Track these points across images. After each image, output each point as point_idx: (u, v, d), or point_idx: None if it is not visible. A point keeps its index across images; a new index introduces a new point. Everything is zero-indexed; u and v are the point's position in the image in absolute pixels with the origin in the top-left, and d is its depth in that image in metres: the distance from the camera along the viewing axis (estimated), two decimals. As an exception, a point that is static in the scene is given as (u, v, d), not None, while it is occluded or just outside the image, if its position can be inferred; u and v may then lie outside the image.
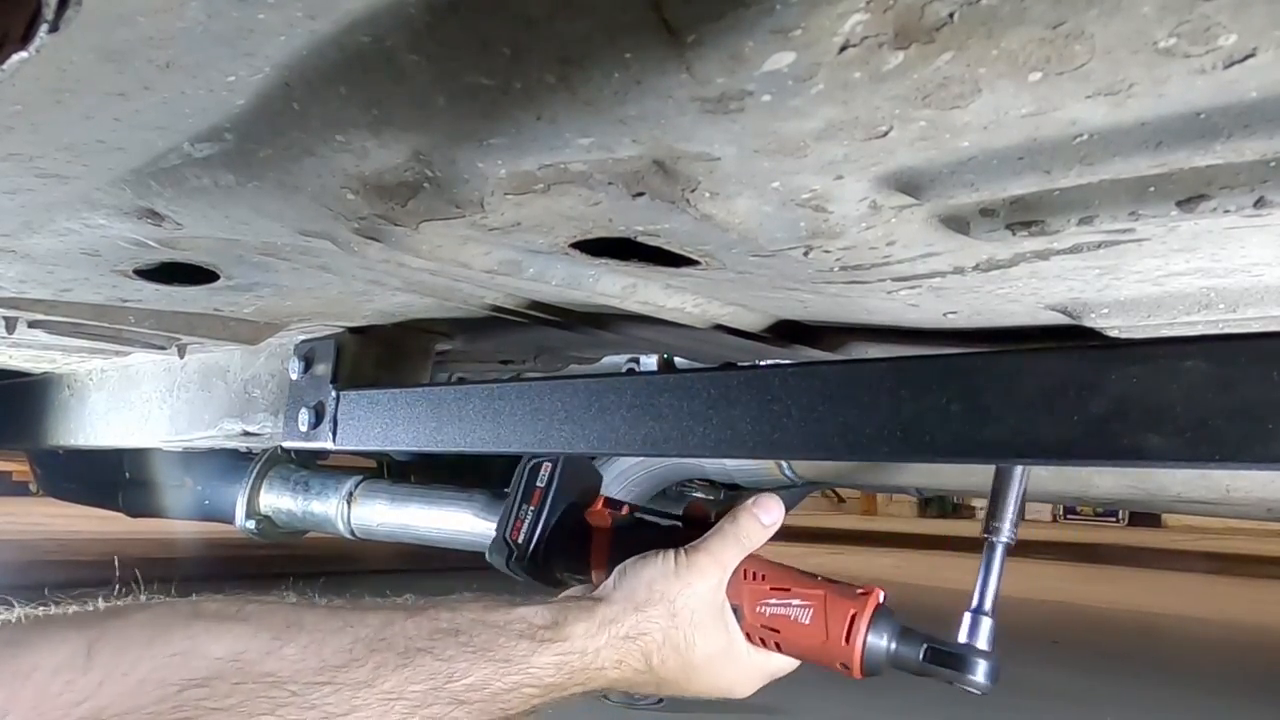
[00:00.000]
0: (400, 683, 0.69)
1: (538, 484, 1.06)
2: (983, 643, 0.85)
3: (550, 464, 1.06)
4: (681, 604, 0.85)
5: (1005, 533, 0.87)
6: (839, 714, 2.09)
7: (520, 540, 1.04)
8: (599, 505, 1.04)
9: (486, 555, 1.09)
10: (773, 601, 0.88)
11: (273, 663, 0.65)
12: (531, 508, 1.05)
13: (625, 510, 1.03)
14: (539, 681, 0.76)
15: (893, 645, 0.85)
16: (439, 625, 0.74)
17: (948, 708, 2.19)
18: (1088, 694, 2.50)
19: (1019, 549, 0.87)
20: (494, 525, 1.69)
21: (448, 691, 0.71)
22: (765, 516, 0.91)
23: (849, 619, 0.85)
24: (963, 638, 0.85)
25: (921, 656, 0.84)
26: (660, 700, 2.43)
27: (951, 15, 0.47)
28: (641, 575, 0.86)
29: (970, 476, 1.86)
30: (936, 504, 12.19)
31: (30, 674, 0.57)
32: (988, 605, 0.86)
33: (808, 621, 0.86)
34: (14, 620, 0.61)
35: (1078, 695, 2.47)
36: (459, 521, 1.71)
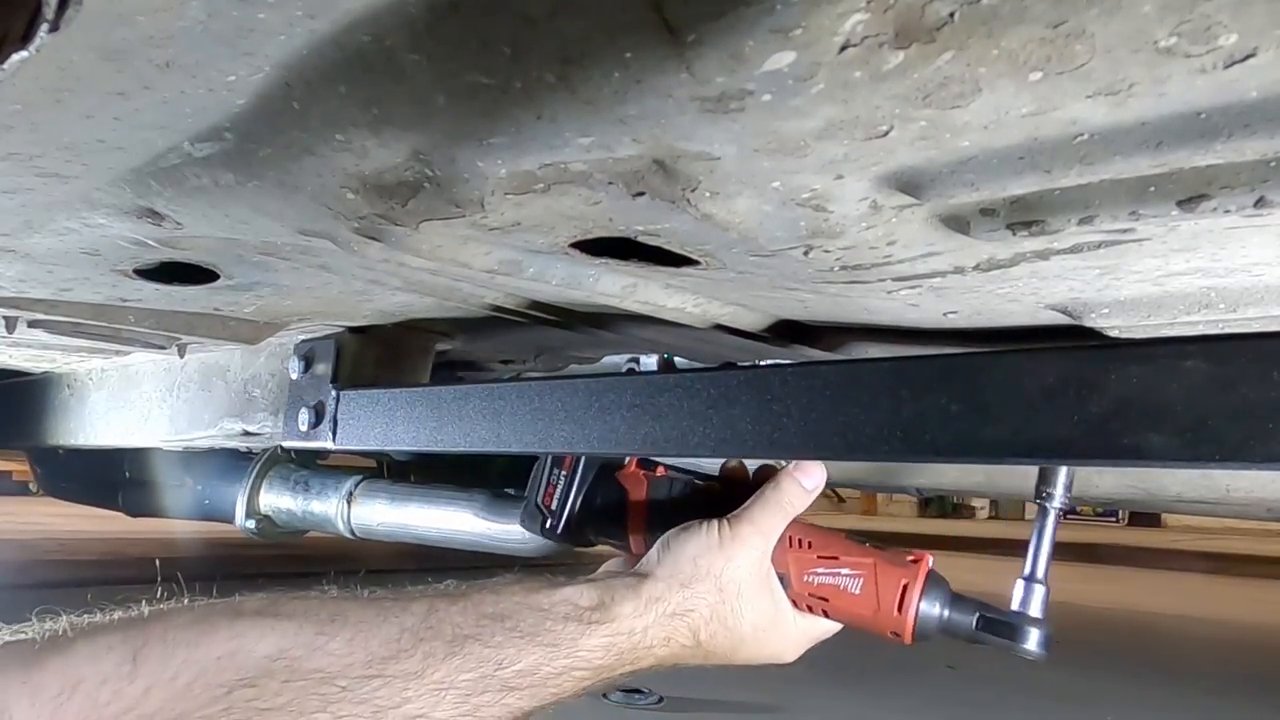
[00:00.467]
0: (450, 672, 0.69)
1: None
2: (1035, 610, 0.83)
3: None
4: (728, 578, 0.84)
5: (1058, 498, 0.85)
6: (839, 714, 2.09)
7: (554, 506, 1.02)
8: (632, 466, 1.01)
9: (519, 522, 1.07)
10: (820, 570, 0.86)
11: (320, 659, 0.65)
12: (563, 472, 1.03)
13: (660, 470, 1.01)
14: (589, 664, 0.76)
15: (945, 613, 0.83)
16: (484, 611, 0.74)
17: (948, 707, 2.19)
18: (1088, 694, 2.50)
19: (1019, 549, 0.87)
20: (494, 525, 1.69)
21: (498, 679, 0.71)
22: (808, 481, 0.90)
23: (901, 588, 0.83)
24: (1015, 605, 0.84)
25: (975, 625, 0.83)
26: (660, 699, 2.43)
27: (952, 15, 0.47)
28: (686, 549, 0.85)
29: (970, 476, 1.86)
30: (936, 504, 12.19)
31: (78, 685, 0.57)
32: (1040, 573, 0.84)
33: (858, 591, 0.84)
34: (59, 631, 0.60)
35: (1078, 695, 2.47)
36: (459, 521, 1.71)
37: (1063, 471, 0.85)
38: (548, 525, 1.03)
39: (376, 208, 0.83)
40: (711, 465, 1.02)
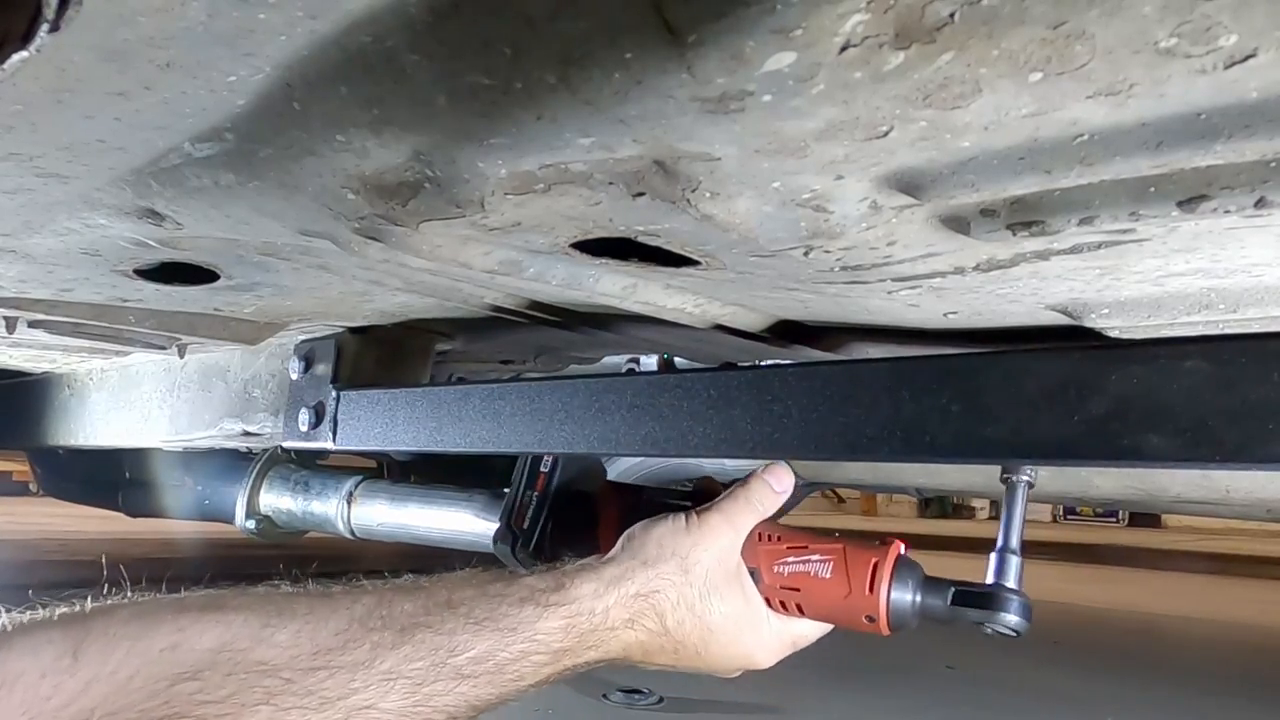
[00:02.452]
0: (399, 661, 0.67)
1: (541, 469, 1.04)
2: (1011, 581, 0.81)
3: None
4: (694, 560, 0.82)
5: (1025, 471, 0.84)
6: (839, 714, 2.09)
7: (525, 526, 1.02)
8: (606, 489, 1.01)
9: (492, 546, 1.07)
10: (791, 560, 0.85)
11: (264, 650, 0.63)
12: (535, 493, 1.03)
13: (633, 493, 1.01)
14: (547, 648, 0.74)
15: (918, 597, 0.82)
16: (436, 599, 0.72)
17: (948, 708, 2.19)
18: (1088, 695, 2.50)
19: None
20: (494, 525, 1.69)
21: (450, 666, 0.69)
22: (777, 483, 0.90)
23: (871, 567, 0.82)
24: (990, 579, 0.82)
25: (949, 601, 0.81)
26: (660, 699, 2.43)
27: (952, 15, 0.47)
28: (650, 534, 0.84)
29: (971, 476, 1.86)
30: (936, 504, 12.19)
31: (17, 680, 0.56)
32: (1014, 543, 0.82)
33: (828, 575, 0.83)
34: (0, 626, 0.60)
35: (1078, 696, 2.47)
36: (459, 521, 1.71)
37: None
38: (519, 545, 1.02)
39: (377, 208, 0.83)
40: (717, 467, 1.01)
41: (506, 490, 1.11)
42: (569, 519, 1.01)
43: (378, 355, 1.49)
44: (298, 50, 0.57)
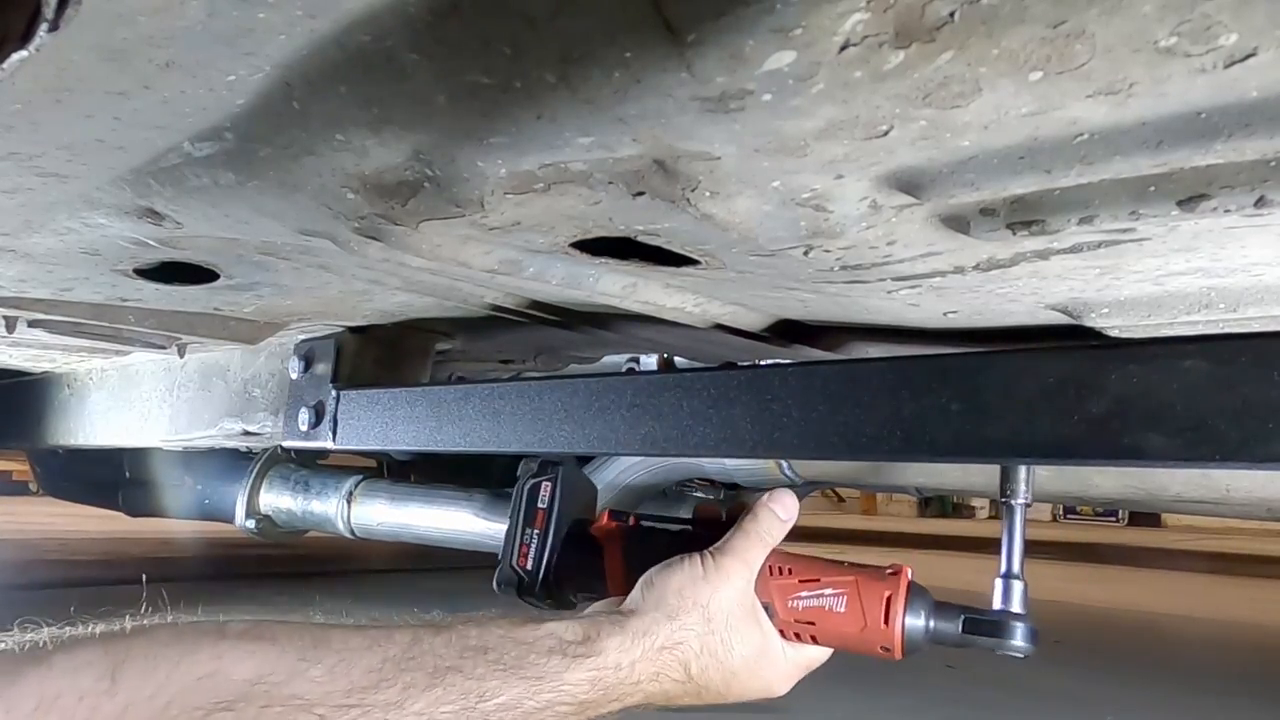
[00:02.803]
0: (430, 703, 0.67)
1: (539, 505, 1.01)
2: (1016, 606, 0.84)
3: (549, 482, 1.03)
4: (715, 608, 0.83)
5: (1021, 494, 0.86)
6: (839, 714, 2.09)
7: (529, 566, 0.99)
8: (604, 519, 1.00)
9: (494, 586, 1.04)
10: (804, 594, 0.86)
11: (300, 684, 0.64)
12: (536, 530, 1.00)
13: (632, 521, 1.00)
14: (573, 699, 0.74)
15: (930, 622, 0.84)
16: (468, 643, 0.72)
17: (949, 707, 2.19)
18: (1088, 693, 2.50)
19: (1018, 550, 0.87)
20: (494, 524, 1.69)
21: (479, 711, 0.69)
22: (784, 511, 0.90)
23: (885, 601, 0.83)
24: (997, 604, 0.85)
25: (960, 629, 0.83)
26: (660, 700, 2.43)
27: (952, 14, 0.47)
28: (670, 583, 0.84)
29: (971, 476, 1.85)
30: (936, 504, 12.19)
31: (56, 699, 0.56)
32: (1016, 568, 0.85)
33: (843, 610, 0.84)
34: (40, 643, 0.59)
35: (1078, 695, 2.47)
36: (459, 521, 1.71)
37: (1023, 469, 0.86)
38: (524, 586, 1.00)
39: (377, 207, 0.83)
40: (717, 466, 1.01)
41: (508, 491, 1.10)
42: (574, 558, 1.00)
43: (377, 355, 1.49)
44: (297, 49, 0.57)
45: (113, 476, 2.75)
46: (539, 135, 0.66)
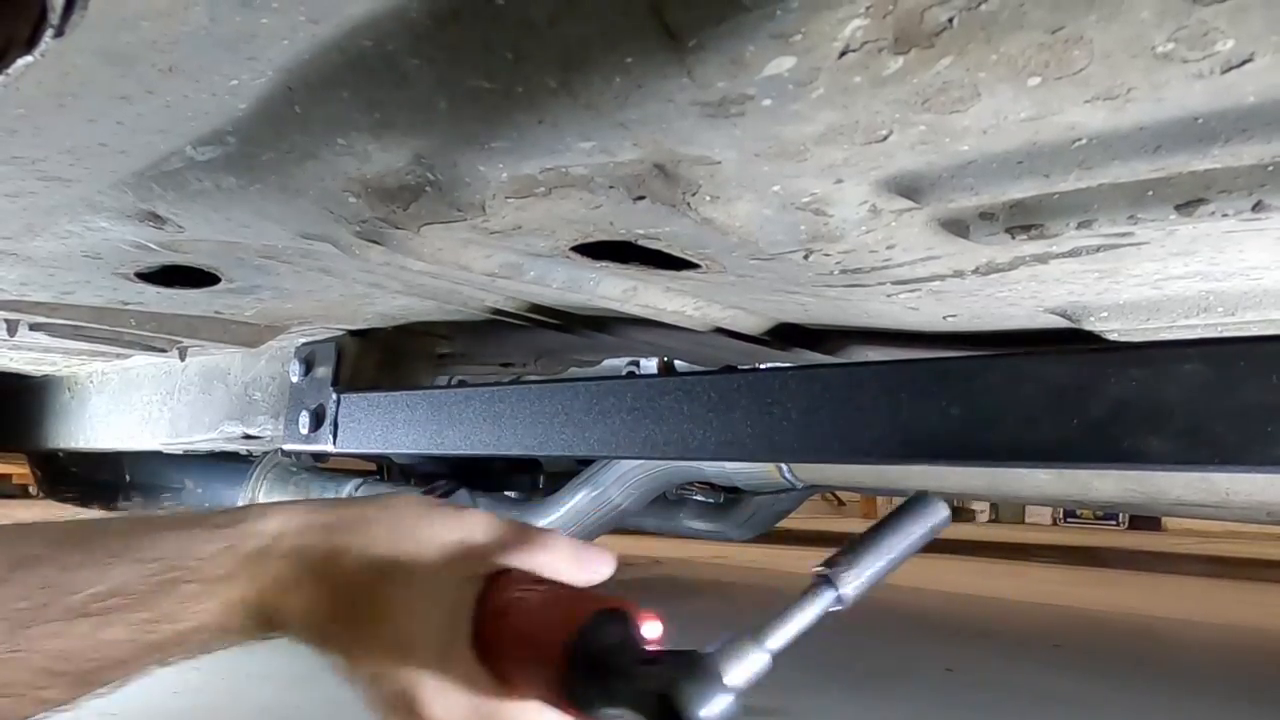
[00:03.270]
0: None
1: None
2: (732, 679, 0.47)
3: None
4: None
5: (846, 591, 0.49)
6: (839, 714, 2.09)
7: None
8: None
9: None
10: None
11: None
12: None
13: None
14: (200, 575, 0.55)
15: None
16: (80, 533, 0.56)
17: (947, 709, 2.19)
18: (1088, 697, 2.50)
19: (1020, 552, 0.87)
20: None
21: (63, 605, 0.52)
22: (586, 560, 0.56)
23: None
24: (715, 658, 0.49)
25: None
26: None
27: (951, 20, 0.47)
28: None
29: (971, 479, 1.86)
30: (936, 507, 12.16)
31: None
32: (774, 644, 0.48)
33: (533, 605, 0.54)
34: None
35: (1078, 698, 2.47)
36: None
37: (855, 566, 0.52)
38: None
39: (378, 211, 0.84)
40: (717, 470, 1.00)
41: (508, 494, 1.10)
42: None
43: (378, 358, 1.49)
44: (299, 54, 0.57)
45: (113, 480, 2.75)
46: (540, 140, 0.66)
